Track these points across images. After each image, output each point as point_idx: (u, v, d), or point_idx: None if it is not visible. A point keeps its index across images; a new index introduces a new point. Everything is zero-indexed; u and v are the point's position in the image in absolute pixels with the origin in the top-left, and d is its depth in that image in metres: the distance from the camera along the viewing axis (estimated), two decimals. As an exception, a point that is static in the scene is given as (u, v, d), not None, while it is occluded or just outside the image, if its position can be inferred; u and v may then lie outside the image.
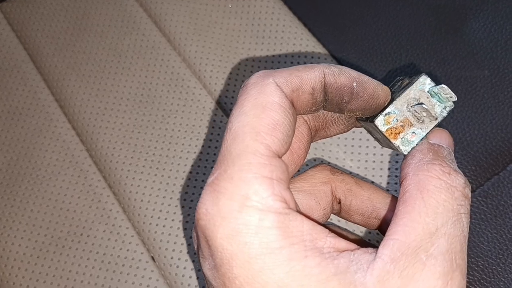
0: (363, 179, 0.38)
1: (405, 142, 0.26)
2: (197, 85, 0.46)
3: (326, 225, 0.30)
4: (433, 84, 0.26)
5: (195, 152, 0.43)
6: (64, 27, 0.50)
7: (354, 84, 0.25)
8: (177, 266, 0.40)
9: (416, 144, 0.26)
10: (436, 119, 0.26)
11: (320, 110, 0.26)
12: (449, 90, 0.26)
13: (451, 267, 0.21)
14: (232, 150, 0.22)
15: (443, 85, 0.26)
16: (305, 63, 0.45)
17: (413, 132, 0.26)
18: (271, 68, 0.45)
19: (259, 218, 0.21)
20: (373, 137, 0.29)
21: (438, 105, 0.26)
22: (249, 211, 0.21)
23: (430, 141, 0.25)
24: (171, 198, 0.42)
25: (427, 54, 0.44)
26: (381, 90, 0.26)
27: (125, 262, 0.40)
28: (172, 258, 0.40)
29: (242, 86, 0.24)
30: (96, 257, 0.41)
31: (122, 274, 0.40)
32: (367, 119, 0.27)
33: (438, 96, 0.26)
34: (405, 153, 0.26)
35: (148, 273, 0.40)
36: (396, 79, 0.29)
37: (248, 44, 0.47)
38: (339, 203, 0.29)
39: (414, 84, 0.26)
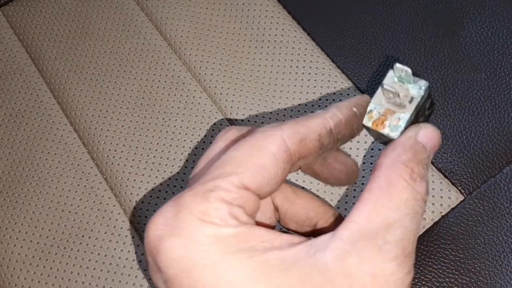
0: (302, 188, 0.38)
1: (393, 128, 0.27)
2: (198, 88, 0.46)
3: None
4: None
5: (195, 155, 0.44)
6: (66, 30, 0.51)
7: (354, 109, 0.27)
8: (178, 268, 0.40)
9: (405, 128, 0.26)
10: (415, 100, 0.27)
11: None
12: (402, 66, 0.26)
13: (403, 253, 0.23)
14: (211, 173, 0.24)
15: (397, 64, 0.26)
16: (303, 67, 0.45)
17: (398, 118, 0.27)
18: (271, 73, 0.46)
19: (217, 230, 0.22)
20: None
21: (412, 87, 0.27)
22: (208, 224, 0.22)
23: (417, 138, 0.26)
24: (171, 200, 0.42)
25: (424, 57, 0.45)
26: (370, 98, 0.28)
27: (126, 264, 0.41)
28: (173, 259, 0.40)
29: (252, 131, 0.26)
30: (98, 259, 0.41)
31: (123, 276, 0.40)
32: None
33: (406, 80, 0.27)
34: (397, 138, 0.26)
35: (149, 276, 0.40)
36: None
37: (248, 48, 0.47)
38: (277, 211, 0.30)
39: (385, 77, 0.27)
